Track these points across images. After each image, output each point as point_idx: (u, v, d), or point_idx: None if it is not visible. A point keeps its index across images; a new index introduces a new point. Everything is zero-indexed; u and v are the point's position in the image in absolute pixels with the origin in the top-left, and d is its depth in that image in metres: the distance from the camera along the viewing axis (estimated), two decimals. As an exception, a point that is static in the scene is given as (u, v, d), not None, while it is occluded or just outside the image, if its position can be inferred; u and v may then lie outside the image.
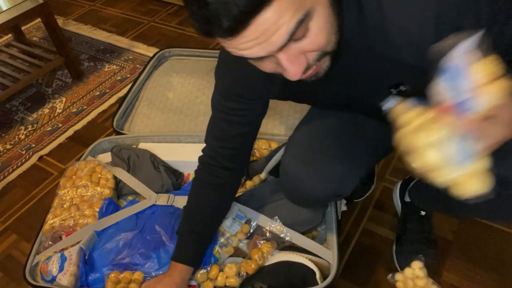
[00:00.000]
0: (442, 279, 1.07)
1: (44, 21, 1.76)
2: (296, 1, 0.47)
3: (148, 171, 1.21)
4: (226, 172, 0.90)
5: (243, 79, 0.77)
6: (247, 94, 0.79)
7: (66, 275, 0.97)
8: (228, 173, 0.91)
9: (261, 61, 0.55)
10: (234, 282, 0.96)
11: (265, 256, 0.98)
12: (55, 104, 1.83)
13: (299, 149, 0.87)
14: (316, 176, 0.82)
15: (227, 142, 0.87)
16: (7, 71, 1.85)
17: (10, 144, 1.66)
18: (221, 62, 0.81)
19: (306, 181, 0.83)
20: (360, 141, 0.88)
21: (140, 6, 2.45)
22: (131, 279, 0.97)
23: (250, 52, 0.50)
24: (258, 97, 0.81)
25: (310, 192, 0.84)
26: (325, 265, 0.98)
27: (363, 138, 0.89)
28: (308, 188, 0.84)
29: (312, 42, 0.52)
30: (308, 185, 0.83)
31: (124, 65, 1.99)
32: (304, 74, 0.56)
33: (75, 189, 1.18)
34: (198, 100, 1.54)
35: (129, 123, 1.54)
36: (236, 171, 0.92)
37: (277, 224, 1.02)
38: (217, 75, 0.83)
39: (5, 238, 1.34)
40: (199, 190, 0.94)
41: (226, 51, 0.54)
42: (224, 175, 0.90)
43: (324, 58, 0.57)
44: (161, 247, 1.01)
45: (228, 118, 0.83)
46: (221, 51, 0.83)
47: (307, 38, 0.51)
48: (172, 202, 1.12)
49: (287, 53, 0.51)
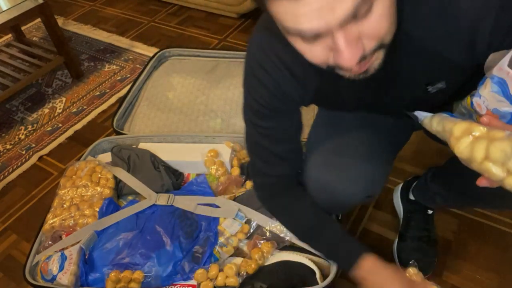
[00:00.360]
0: (442, 279, 1.07)
1: (44, 21, 1.76)
2: None
3: (148, 171, 1.21)
4: (292, 183, 0.88)
5: (276, 88, 0.72)
6: (282, 105, 0.74)
7: (66, 274, 0.97)
8: (294, 180, 0.88)
9: (313, 44, 0.51)
10: (234, 282, 0.96)
11: (265, 256, 0.98)
12: (55, 104, 1.83)
13: (322, 155, 0.83)
14: (345, 180, 0.79)
15: (277, 162, 0.83)
16: (7, 71, 1.85)
17: (10, 144, 1.66)
18: (248, 72, 0.75)
19: (336, 187, 0.80)
20: (380, 138, 0.87)
21: (140, 6, 2.45)
22: (131, 278, 0.97)
23: (309, 24, 0.47)
24: (294, 107, 0.77)
25: (342, 198, 0.81)
26: (325, 265, 0.98)
27: (381, 134, 0.87)
28: (340, 194, 0.81)
29: (373, 25, 0.49)
30: (339, 191, 0.80)
31: (124, 65, 1.99)
32: (358, 64, 0.52)
33: (75, 189, 1.18)
34: (198, 100, 1.54)
35: (129, 123, 1.54)
36: (297, 173, 0.89)
37: (277, 224, 1.02)
38: (246, 88, 0.77)
39: (5, 238, 1.34)
40: (293, 213, 0.90)
41: (251, 59, 0.51)
42: (293, 186, 0.88)
43: (379, 52, 0.54)
44: (161, 247, 1.01)
45: (270, 136, 0.79)
46: (246, 60, 0.75)
47: (368, 19, 0.48)
48: (172, 202, 1.12)
49: (346, 33, 0.48)
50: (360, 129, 0.87)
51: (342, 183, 0.80)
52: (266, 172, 0.85)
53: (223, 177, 1.20)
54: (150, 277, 0.98)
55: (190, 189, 1.18)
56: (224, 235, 1.03)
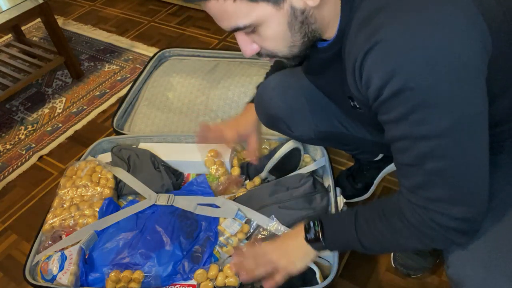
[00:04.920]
0: (442, 279, 1.07)
1: (44, 21, 1.76)
2: (238, 12, 0.60)
3: (148, 171, 1.21)
4: None
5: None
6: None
7: (66, 274, 0.97)
8: None
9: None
10: (233, 282, 0.96)
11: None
12: (55, 104, 1.83)
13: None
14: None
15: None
16: (7, 71, 1.85)
17: (10, 144, 1.66)
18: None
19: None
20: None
21: (140, 6, 2.45)
22: (131, 278, 0.97)
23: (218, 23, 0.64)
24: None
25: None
26: (326, 265, 0.98)
27: None
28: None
29: (260, 41, 0.65)
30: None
31: (124, 65, 1.99)
32: (260, 57, 0.69)
33: (75, 189, 1.18)
34: (198, 100, 1.54)
35: (129, 123, 1.54)
36: None
37: (274, 223, 1.02)
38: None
39: (5, 238, 1.34)
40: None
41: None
42: None
43: (277, 58, 0.68)
44: (161, 247, 1.01)
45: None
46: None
47: (257, 35, 0.64)
48: (172, 202, 1.12)
49: (239, 37, 0.66)
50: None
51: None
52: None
53: (223, 177, 1.20)
54: (150, 277, 0.98)
55: (190, 189, 1.19)
56: (224, 235, 1.03)
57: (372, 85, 0.56)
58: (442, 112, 0.54)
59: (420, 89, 0.52)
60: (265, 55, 0.69)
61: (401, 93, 0.53)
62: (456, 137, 0.55)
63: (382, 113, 0.59)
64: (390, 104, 0.56)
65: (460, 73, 0.52)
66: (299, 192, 1.08)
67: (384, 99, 0.55)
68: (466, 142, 0.56)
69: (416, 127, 0.56)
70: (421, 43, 0.51)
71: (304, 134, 0.98)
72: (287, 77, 0.97)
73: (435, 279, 1.07)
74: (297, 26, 0.62)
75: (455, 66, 0.52)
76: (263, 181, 1.20)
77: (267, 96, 0.98)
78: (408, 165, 0.61)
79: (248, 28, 0.62)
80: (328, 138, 1.00)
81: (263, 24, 0.61)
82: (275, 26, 0.62)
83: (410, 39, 0.51)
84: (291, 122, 0.97)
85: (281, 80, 0.97)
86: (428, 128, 0.55)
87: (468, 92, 0.54)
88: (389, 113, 0.57)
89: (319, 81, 0.86)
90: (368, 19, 0.55)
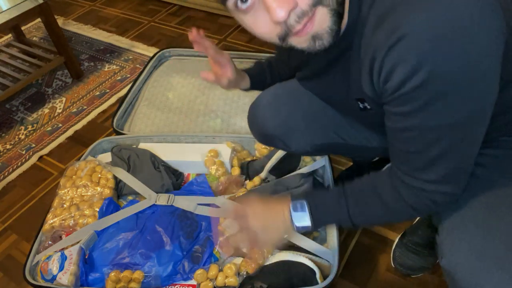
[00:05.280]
0: (442, 279, 1.07)
1: (44, 21, 1.76)
2: None
3: (148, 171, 1.21)
4: None
5: None
6: None
7: (66, 274, 0.97)
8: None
9: (251, 13, 0.57)
10: (233, 282, 0.96)
11: (265, 256, 0.98)
12: (55, 104, 1.83)
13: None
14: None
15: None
16: (7, 71, 1.85)
17: (10, 144, 1.66)
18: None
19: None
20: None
21: (140, 6, 2.45)
22: (131, 278, 0.97)
23: None
24: None
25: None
26: (326, 265, 0.98)
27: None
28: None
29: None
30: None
31: (124, 65, 1.99)
32: (300, 24, 0.55)
33: (75, 189, 1.18)
34: (198, 100, 1.54)
35: (129, 123, 1.54)
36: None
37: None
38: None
39: (5, 238, 1.34)
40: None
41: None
42: None
43: (321, 10, 0.55)
44: (161, 247, 1.01)
45: None
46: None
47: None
48: (172, 202, 1.12)
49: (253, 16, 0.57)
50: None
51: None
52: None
53: (223, 177, 1.20)
54: (150, 277, 0.98)
55: (190, 189, 1.19)
56: (224, 235, 1.03)
57: (394, 78, 0.54)
58: (459, 104, 0.54)
59: (443, 82, 0.52)
60: (309, 8, 0.55)
61: (422, 87, 0.53)
62: (466, 127, 0.57)
63: (396, 105, 0.57)
64: (409, 96, 0.55)
65: (483, 65, 0.52)
66: (299, 192, 1.08)
67: (404, 92, 0.54)
68: (473, 130, 0.58)
69: (429, 119, 0.56)
70: (445, 35, 0.50)
71: (300, 149, 0.97)
72: (279, 92, 0.95)
73: (435, 279, 1.07)
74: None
75: (479, 58, 0.51)
76: (263, 181, 1.20)
77: (260, 114, 0.95)
78: (412, 152, 0.61)
79: None
80: (324, 149, 1.00)
81: None
82: None
83: (434, 32, 0.50)
84: (287, 139, 0.95)
85: (273, 97, 0.95)
86: (442, 119, 0.55)
87: (487, 84, 0.54)
88: (404, 105, 0.56)
89: (319, 85, 0.84)
90: (386, 15, 0.54)
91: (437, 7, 0.50)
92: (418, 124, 0.57)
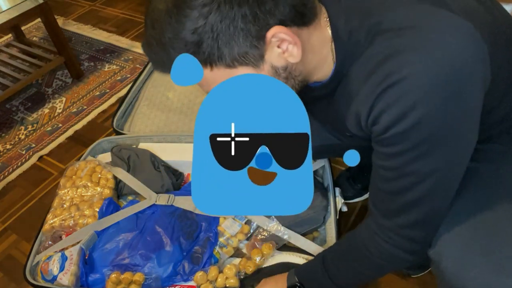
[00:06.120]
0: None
1: (44, 21, 1.76)
2: (217, 79, 0.55)
3: (148, 171, 1.21)
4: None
5: None
6: None
7: (67, 275, 0.98)
8: None
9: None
10: (234, 283, 0.96)
11: (264, 258, 0.98)
12: (55, 104, 1.83)
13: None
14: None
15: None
16: (7, 71, 1.85)
17: (10, 144, 1.66)
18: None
19: None
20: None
21: (140, 6, 2.44)
22: (131, 280, 0.97)
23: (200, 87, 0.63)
24: None
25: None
26: (325, 265, 0.98)
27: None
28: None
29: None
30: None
31: (124, 65, 1.99)
32: None
33: (75, 189, 1.18)
34: (198, 100, 1.54)
35: (129, 123, 1.54)
36: None
37: (274, 224, 1.02)
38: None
39: (5, 238, 1.34)
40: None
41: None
42: None
43: None
44: (161, 247, 1.01)
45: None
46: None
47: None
48: (172, 202, 1.12)
49: None
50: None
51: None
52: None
53: (223, 177, 1.20)
54: (150, 279, 0.98)
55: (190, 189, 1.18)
56: (224, 235, 1.03)
57: (381, 122, 0.55)
58: (441, 152, 0.55)
59: (429, 129, 0.53)
60: None
61: (408, 132, 0.53)
62: (443, 176, 0.58)
63: (382, 145, 0.58)
64: (394, 140, 0.55)
65: (467, 117, 0.54)
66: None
67: (389, 136, 0.55)
68: (450, 179, 0.59)
69: (410, 163, 0.56)
70: (440, 84, 0.50)
71: None
72: None
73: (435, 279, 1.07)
74: (282, 81, 0.60)
75: (466, 106, 0.53)
76: (263, 181, 1.19)
77: None
78: (388, 192, 0.62)
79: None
80: (322, 151, 1.00)
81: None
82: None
83: (429, 79, 0.50)
84: None
85: None
86: (421, 166, 0.56)
87: (469, 131, 0.56)
88: (389, 147, 0.57)
89: (311, 111, 0.84)
90: (378, 66, 0.54)
91: (430, 57, 0.51)
92: (399, 166, 0.58)
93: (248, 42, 0.53)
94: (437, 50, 0.51)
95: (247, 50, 0.53)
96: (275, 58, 0.56)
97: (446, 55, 0.50)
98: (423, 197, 0.59)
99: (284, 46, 0.55)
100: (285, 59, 0.57)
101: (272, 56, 0.55)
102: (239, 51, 0.53)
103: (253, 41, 0.53)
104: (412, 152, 0.55)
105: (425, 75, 0.50)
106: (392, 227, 0.64)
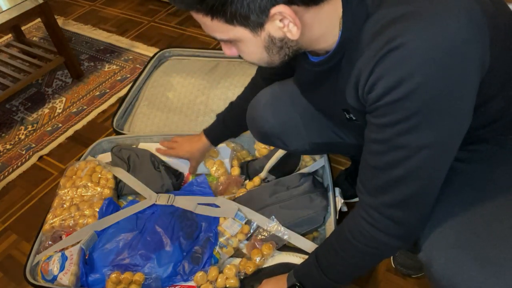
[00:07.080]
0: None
1: (44, 21, 1.76)
2: (215, 28, 0.59)
3: (148, 171, 1.21)
4: None
5: None
6: None
7: (67, 275, 0.98)
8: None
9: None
10: (234, 283, 0.96)
11: (265, 258, 0.98)
12: (55, 104, 1.83)
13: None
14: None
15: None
16: (7, 71, 1.85)
17: (10, 144, 1.66)
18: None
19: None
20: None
21: (140, 6, 2.44)
22: (131, 280, 0.97)
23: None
24: None
25: None
26: (325, 265, 0.98)
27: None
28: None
29: (238, 51, 0.66)
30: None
31: (124, 65, 1.99)
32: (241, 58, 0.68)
33: (75, 189, 1.18)
34: (198, 100, 1.55)
35: (129, 123, 1.54)
36: None
37: (274, 224, 1.02)
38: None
39: (5, 238, 1.34)
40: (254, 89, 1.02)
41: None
42: None
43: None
44: (161, 247, 1.01)
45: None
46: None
47: (234, 46, 0.65)
48: (172, 202, 1.12)
49: (222, 44, 0.66)
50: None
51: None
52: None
53: (223, 177, 1.20)
54: (150, 279, 0.98)
55: (190, 189, 1.19)
56: (224, 235, 1.03)
57: (377, 89, 0.55)
58: (433, 125, 0.55)
59: (424, 100, 0.53)
60: (246, 61, 0.69)
61: (403, 101, 0.54)
62: (432, 155, 0.58)
63: (375, 116, 0.59)
64: (387, 109, 0.56)
65: (462, 95, 0.55)
66: (299, 191, 1.08)
67: (384, 104, 0.56)
68: (438, 160, 0.59)
69: (400, 135, 0.57)
70: (439, 53, 0.51)
71: (299, 147, 0.99)
72: (278, 91, 0.96)
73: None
74: (275, 49, 0.63)
75: (461, 82, 0.54)
76: (263, 181, 1.20)
77: (258, 113, 0.96)
78: (376, 167, 0.62)
79: (226, 41, 0.63)
80: (323, 148, 1.01)
81: (240, 42, 0.62)
82: (251, 47, 0.62)
83: (429, 48, 0.51)
84: (286, 138, 0.97)
85: (271, 96, 0.96)
86: (411, 140, 0.57)
87: (462, 111, 0.56)
88: (382, 117, 0.57)
89: (311, 95, 0.85)
90: (383, 30, 0.55)
91: (434, 28, 0.52)
92: (389, 139, 0.58)
93: (253, 8, 0.55)
94: (441, 22, 0.52)
95: (249, 15, 0.56)
96: (274, 29, 0.59)
97: (449, 30, 0.51)
98: (410, 174, 0.59)
99: (286, 22, 0.57)
100: (283, 33, 0.59)
101: (272, 27, 0.58)
102: (241, 11, 0.55)
103: (257, 11, 0.55)
104: (403, 123, 0.55)
105: (426, 44, 0.51)
106: (377, 206, 0.64)
